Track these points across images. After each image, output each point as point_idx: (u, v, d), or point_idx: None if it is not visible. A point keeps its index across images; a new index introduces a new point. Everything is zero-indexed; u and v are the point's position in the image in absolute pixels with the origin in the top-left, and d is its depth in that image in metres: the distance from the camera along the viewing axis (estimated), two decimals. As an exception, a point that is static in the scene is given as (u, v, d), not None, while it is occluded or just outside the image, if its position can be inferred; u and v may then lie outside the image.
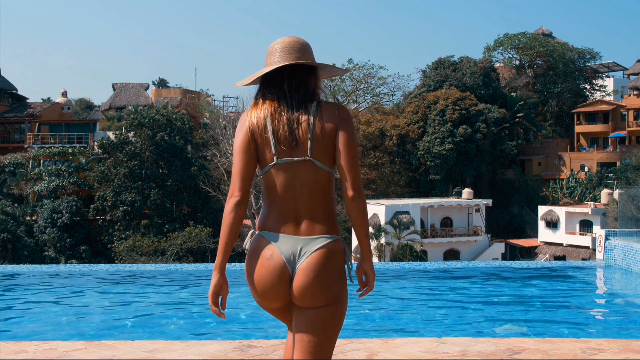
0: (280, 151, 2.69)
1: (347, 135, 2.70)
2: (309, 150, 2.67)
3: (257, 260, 2.70)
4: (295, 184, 2.70)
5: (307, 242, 2.68)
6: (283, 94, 2.73)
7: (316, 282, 2.65)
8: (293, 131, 2.68)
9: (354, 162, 2.69)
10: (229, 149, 41.52)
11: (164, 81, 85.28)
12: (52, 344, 3.39)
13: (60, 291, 8.43)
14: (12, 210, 40.83)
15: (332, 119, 2.70)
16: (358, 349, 3.36)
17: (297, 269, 2.66)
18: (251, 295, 2.82)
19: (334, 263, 2.70)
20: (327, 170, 2.71)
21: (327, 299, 2.69)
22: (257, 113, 2.73)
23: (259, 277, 2.70)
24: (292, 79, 2.74)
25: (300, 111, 2.69)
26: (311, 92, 2.75)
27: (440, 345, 3.37)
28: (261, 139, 2.71)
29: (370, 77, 61.65)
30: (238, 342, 3.44)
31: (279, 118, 2.69)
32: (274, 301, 2.72)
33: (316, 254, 2.66)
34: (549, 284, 8.88)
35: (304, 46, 2.78)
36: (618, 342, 3.45)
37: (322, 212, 2.72)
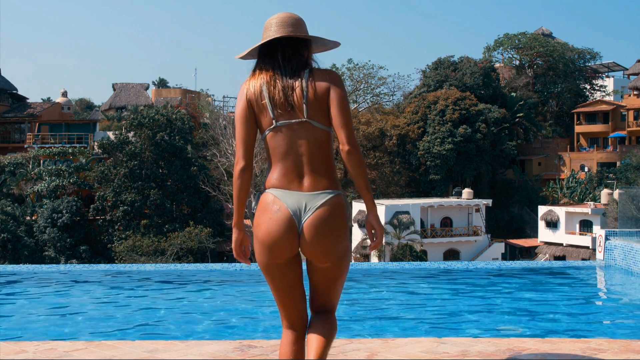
0: (278, 115, 2.88)
1: (338, 96, 2.87)
2: (305, 112, 2.86)
3: (266, 214, 2.87)
4: (295, 144, 2.89)
5: (310, 198, 2.86)
6: (277, 64, 2.93)
7: (326, 238, 2.85)
8: (288, 97, 2.87)
9: (346, 119, 2.87)
10: (229, 149, 41.53)
11: (164, 81, 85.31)
12: (52, 344, 3.39)
13: (60, 291, 8.43)
14: (12, 210, 40.82)
15: (324, 82, 2.89)
16: (358, 349, 3.36)
17: (303, 223, 2.84)
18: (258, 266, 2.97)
19: (339, 217, 2.89)
20: (324, 130, 2.91)
21: (337, 255, 2.91)
22: (254, 83, 2.93)
23: (268, 229, 2.86)
24: (286, 50, 2.94)
25: (294, 78, 2.90)
26: (304, 62, 2.95)
27: (440, 346, 3.37)
28: (258, 106, 2.91)
29: (370, 77, 61.66)
30: (238, 342, 3.44)
31: (274, 85, 2.89)
32: (281, 253, 2.87)
33: (321, 210, 2.85)
34: (549, 284, 8.88)
35: (298, 21, 2.99)
36: (618, 343, 3.45)
37: (322, 169, 2.90)
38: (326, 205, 2.86)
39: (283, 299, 2.97)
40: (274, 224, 2.85)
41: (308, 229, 2.83)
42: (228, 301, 7.63)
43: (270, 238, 2.86)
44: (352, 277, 9.18)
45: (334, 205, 2.87)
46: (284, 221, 2.84)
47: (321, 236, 2.84)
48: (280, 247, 2.86)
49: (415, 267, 10.31)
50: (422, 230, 42.94)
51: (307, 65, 2.96)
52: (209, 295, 8.15)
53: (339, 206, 2.89)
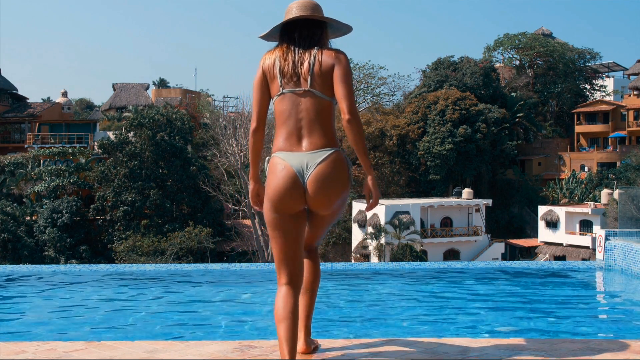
0: (285, 84, 3.30)
1: (342, 71, 3.25)
2: (309, 80, 3.26)
3: (274, 175, 3.27)
4: (297, 109, 3.28)
5: (311, 156, 3.24)
6: (293, 41, 3.35)
7: (328, 190, 3.23)
8: (296, 69, 3.29)
9: (348, 91, 3.23)
10: (229, 149, 41.51)
11: (164, 81, 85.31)
12: (52, 345, 3.39)
13: (60, 291, 8.43)
14: (12, 210, 40.81)
15: (330, 59, 3.28)
16: (358, 349, 3.36)
17: (307, 179, 3.22)
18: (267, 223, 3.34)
19: (339, 170, 3.27)
20: (325, 99, 3.29)
21: (338, 204, 3.33)
22: (270, 55, 3.38)
23: (276, 186, 3.24)
24: (303, 30, 3.35)
25: (306, 53, 3.31)
26: (317, 41, 3.35)
27: (440, 346, 3.37)
28: (270, 75, 3.34)
29: (370, 77, 61.67)
30: (238, 342, 3.44)
31: (285, 58, 3.32)
32: (289, 207, 3.24)
33: (322, 165, 3.23)
34: (549, 284, 8.87)
35: (316, 5, 3.39)
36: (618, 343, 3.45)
37: (321, 132, 3.27)
38: (326, 160, 3.23)
39: (285, 253, 3.27)
40: (281, 182, 3.23)
41: (311, 183, 3.22)
42: (228, 301, 7.63)
43: (278, 194, 3.24)
44: (352, 277, 9.17)
45: (334, 160, 3.25)
46: (290, 179, 3.22)
47: (324, 188, 3.22)
48: (287, 202, 3.23)
49: (415, 267, 10.31)
50: (422, 230, 42.93)
51: (319, 44, 3.34)
52: (208, 295, 8.15)
53: (338, 160, 3.27)
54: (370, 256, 40.88)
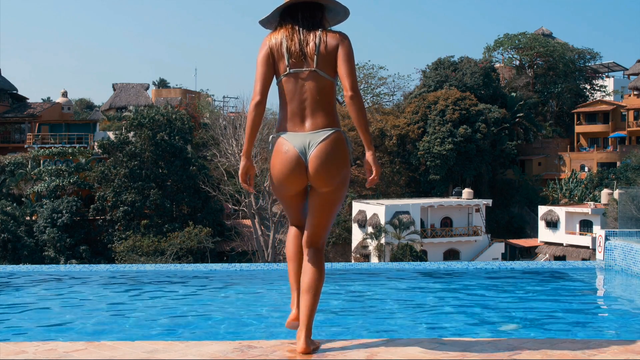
0: (292, 64, 3.42)
1: (345, 50, 3.42)
2: (314, 62, 3.40)
3: (278, 156, 3.43)
4: (301, 89, 3.41)
5: (313, 136, 3.38)
6: (297, 22, 3.48)
7: (328, 166, 3.38)
8: (303, 49, 3.42)
9: (351, 69, 3.39)
10: (229, 149, 41.52)
11: (164, 81, 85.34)
12: (52, 345, 3.39)
13: (60, 291, 8.42)
14: (12, 210, 40.81)
15: (334, 40, 3.45)
16: (358, 349, 3.36)
17: (309, 157, 3.38)
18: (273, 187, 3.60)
19: (339, 148, 3.41)
20: (328, 79, 3.44)
21: (338, 180, 3.43)
22: (276, 36, 3.49)
23: (280, 167, 3.43)
24: (304, 12, 3.50)
25: (310, 34, 3.45)
26: (318, 22, 3.51)
27: (440, 346, 3.37)
28: (278, 54, 3.44)
29: (370, 77, 61.71)
30: (238, 342, 3.44)
31: (292, 38, 3.43)
32: (292, 186, 3.46)
33: (323, 144, 3.38)
34: (549, 284, 8.87)
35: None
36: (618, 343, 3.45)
37: (322, 112, 3.42)
38: (327, 139, 3.38)
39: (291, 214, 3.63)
40: (284, 163, 3.41)
41: (313, 160, 3.37)
42: (228, 301, 7.63)
43: (282, 175, 3.43)
44: (352, 277, 9.17)
45: (334, 139, 3.40)
46: (293, 159, 3.39)
47: (324, 164, 3.36)
48: (291, 182, 3.44)
49: (415, 267, 10.31)
50: (422, 230, 42.94)
51: (321, 25, 3.51)
52: (208, 295, 8.15)
53: (338, 139, 3.42)
54: (370, 256, 40.88)
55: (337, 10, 3.61)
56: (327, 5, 3.58)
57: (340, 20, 3.69)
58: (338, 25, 3.70)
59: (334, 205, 3.50)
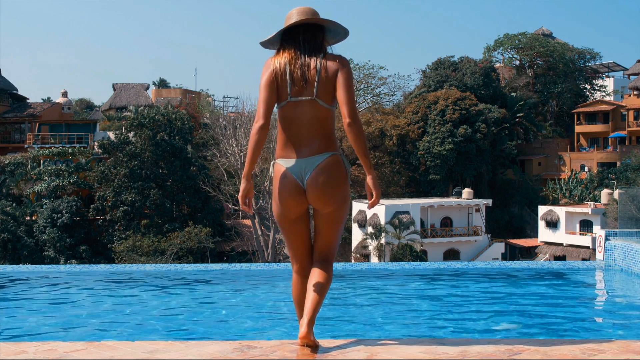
0: (294, 91, 3.49)
1: (344, 76, 3.48)
2: (315, 90, 3.47)
3: (277, 181, 3.56)
4: (302, 117, 3.50)
5: (309, 161, 3.50)
6: (298, 45, 3.54)
7: (324, 187, 3.49)
8: (305, 73, 3.48)
9: (349, 96, 3.45)
10: (229, 149, 41.52)
11: (164, 81, 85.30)
12: (52, 345, 3.39)
13: (59, 291, 8.43)
14: (12, 210, 40.80)
15: (334, 65, 3.50)
16: (358, 349, 3.36)
17: (306, 182, 3.50)
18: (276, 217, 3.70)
19: (336, 169, 3.52)
20: (327, 108, 3.51)
21: (337, 200, 3.55)
22: (279, 59, 3.54)
23: (280, 193, 3.55)
24: (305, 34, 3.56)
25: (311, 58, 3.51)
26: (319, 44, 3.56)
27: (439, 346, 3.37)
28: (281, 79, 3.50)
29: (370, 77, 61.67)
30: (238, 342, 3.44)
31: (295, 63, 3.50)
32: (292, 210, 3.56)
33: (319, 167, 3.49)
34: (549, 284, 8.88)
35: (314, 11, 3.61)
36: (618, 343, 3.45)
37: (321, 138, 3.52)
38: (323, 163, 3.50)
39: (294, 246, 3.67)
40: (283, 188, 3.53)
41: (309, 185, 3.49)
42: (228, 301, 7.63)
43: (282, 199, 3.55)
44: (352, 277, 9.18)
45: (329, 162, 3.51)
46: (291, 185, 3.51)
47: (320, 187, 3.48)
48: (290, 205, 3.55)
49: (415, 267, 10.31)
50: (422, 230, 42.94)
51: (322, 48, 3.56)
52: (208, 295, 8.15)
53: (334, 163, 3.52)
54: (370, 256, 40.88)
55: (337, 31, 3.66)
56: (327, 27, 3.63)
57: (339, 40, 3.72)
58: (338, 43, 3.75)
59: (338, 223, 3.64)
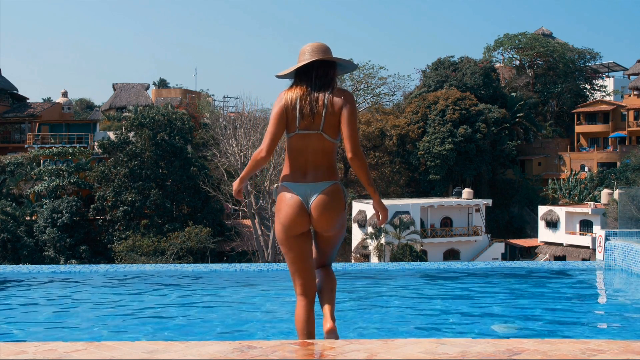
0: (302, 124, 3.79)
1: (348, 112, 3.78)
2: (321, 124, 3.78)
3: (283, 202, 3.84)
4: (308, 149, 3.82)
5: (314, 187, 3.82)
6: (310, 81, 3.84)
7: (327, 214, 3.81)
8: (313, 108, 3.78)
9: (352, 132, 3.76)
10: (229, 149, 41.50)
11: (164, 81, 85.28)
12: (52, 345, 3.39)
13: (59, 292, 8.43)
14: (12, 210, 40.79)
15: (340, 101, 3.80)
16: (358, 350, 3.36)
17: (311, 205, 3.81)
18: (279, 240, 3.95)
19: (337, 198, 3.84)
20: (332, 142, 3.82)
21: (336, 225, 3.87)
22: (291, 94, 3.85)
23: (285, 212, 3.84)
24: (318, 70, 3.86)
25: (320, 94, 3.81)
26: (329, 80, 3.86)
27: (439, 346, 3.37)
28: (291, 113, 3.81)
29: (370, 77, 61.63)
30: (238, 342, 3.44)
31: (305, 99, 3.80)
32: (296, 229, 3.84)
33: (323, 194, 3.80)
34: (548, 285, 8.88)
35: (327, 48, 3.93)
36: (618, 343, 3.45)
37: (325, 168, 3.84)
38: (326, 190, 3.81)
39: (297, 268, 3.90)
40: (289, 208, 3.82)
41: (315, 208, 3.80)
42: (228, 301, 7.63)
43: (287, 218, 3.83)
44: (352, 277, 9.17)
45: (333, 190, 3.83)
46: (297, 205, 3.81)
47: (324, 212, 3.80)
48: (295, 225, 3.83)
49: (415, 267, 10.31)
50: (422, 230, 42.93)
51: (331, 84, 3.86)
52: (208, 295, 8.15)
53: (336, 190, 3.85)
54: (370, 256, 40.88)
55: (347, 67, 4.00)
56: (339, 63, 3.95)
57: (348, 72, 4.19)
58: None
59: (336, 243, 4.04)
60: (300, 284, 3.91)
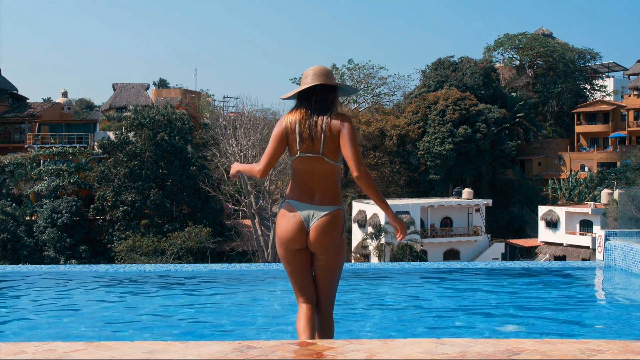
0: (303, 147, 3.89)
1: (347, 134, 3.84)
2: (321, 148, 3.86)
3: (285, 218, 3.95)
4: (311, 171, 3.91)
5: (317, 209, 3.90)
6: (310, 106, 3.93)
7: (325, 236, 3.88)
8: (312, 132, 3.87)
9: (354, 152, 3.81)
10: (229, 149, 41.50)
11: (164, 81, 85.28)
12: (51, 345, 3.39)
13: (59, 292, 8.43)
14: (12, 210, 40.78)
15: (338, 124, 3.87)
16: (357, 350, 3.36)
17: (311, 226, 3.89)
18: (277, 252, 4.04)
19: (337, 224, 3.91)
20: (333, 164, 3.90)
21: (333, 249, 3.92)
22: (291, 117, 3.95)
23: (285, 227, 3.94)
24: (318, 95, 3.94)
25: (319, 118, 3.89)
26: (329, 104, 3.94)
27: (439, 346, 3.37)
28: (292, 136, 3.91)
29: (370, 77, 61.69)
30: (237, 342, 3.44)
31: (304, 122, 3.89)
32: (294, 245, 3.93)
33: (324, 218, 3.88)
34: (548, 285, 8.88)
35: (329, 72, 4.01)
36: (617, 343, 3.45)
37: (328, 190, 3.92)
38: (328, 215, 3.89)
39: (297, 280, 3.99)
40: (290, 225, 3.92)
41: (313, 230, 3.88)
42: (228, 301, 7.63)
43: (286, 234, 3.93)
44: (352, 277, 9.17)
45: (334, 216, 3.91)
46: (297, 224, 3.90)
47: (322, 236, 3.86)
48: (293, 241, 3.91)
49: (415, 267, 10.31)
50: (422, 230, 42.93)
51: (330, 108, 3.93)
52: (208, 295, 8.15)
53: (337, 216, 3.92)
54: (370, 256, 40.88)
55: (347, 90, 4.12)
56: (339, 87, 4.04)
57: (349, 95, 4.25)
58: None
59: (334, 268, 4.01)
60: (300, 294, 4.02)
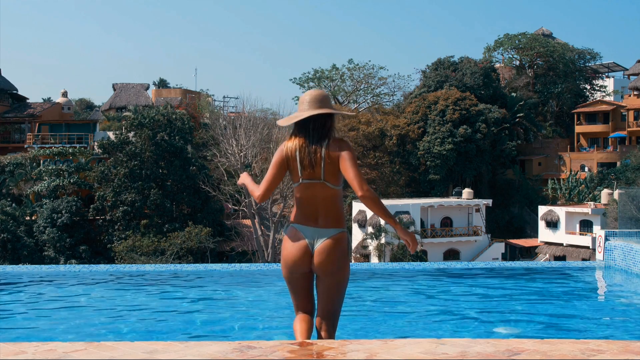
0: (305, 174, 3.99)
1: (347, 158, 3.92)
2: (322, 174, 3.96)
3: (290, 241, 4.06)
4: (314, 196, 4.01)
5: (322, 232, 4.01)
6: (308, 133, 4.00)
7: (329, 259, 3.99)
8: (312, 159, 3.96)
9: (354, 174, 3.88)
10: (229, 149, 41.50)
11: (164, 81, 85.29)
12: (51, 345, 3.39)
13: (59, 292, 8.42)
14: (11, 210, 40.78)
15: (337, 150, 3.95)
16: (357, 350, 3.36)
17: (315, 249, 4.00)
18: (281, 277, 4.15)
19: (340, 247, 4.02)
20: (335, 188, 4.01)
21: (335, 270, 4.03)
22: (291, 145, 4.03)
23: (290, 251, 4.04)
24: (315, 122, 4.01)
25: (318, 145, 3.97)
26: (327, 130, 4.01)
27: (439, 346, 3.37)
28: (293, 164, 4.02)
29: (370, 77, 61.71)
30: (237, 342, 3.44)
31: (304, 150, 3.98)
32: (299, 268, 4.04)
33: (328, 241, 3.99)
34: (549, 285, 8.87)
35: (325, 97, 4.08)
36: (617, 343, 3.45)
37: (331, 214, 4.03)
38: (332, 238, 4.00)
39: (298, 299, 4.15)
40: (295, 248, 4.03)
41: (318, 253, 3.99)
42: (227, 301, 7.63)
43: (291, 258, 4.04)
44: (352, 277, 9.17)
45: (338, 239, 4.02)
46: (302, 247, 4.02)
47: (326, 258, 3.99)
48: (298, 264, 4.03)
49: (415, 267, 10.31)
50: (422, 230, 42.92)
51: (328, 134, 4.00)
52: (208, 295, 8.15)
53: (341, 240, 4.04)
54: (370, 256, 40.89)
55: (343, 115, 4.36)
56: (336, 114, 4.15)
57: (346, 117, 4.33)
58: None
59: (337, 289, 4.12)
60: (298, 309, 4.16)
